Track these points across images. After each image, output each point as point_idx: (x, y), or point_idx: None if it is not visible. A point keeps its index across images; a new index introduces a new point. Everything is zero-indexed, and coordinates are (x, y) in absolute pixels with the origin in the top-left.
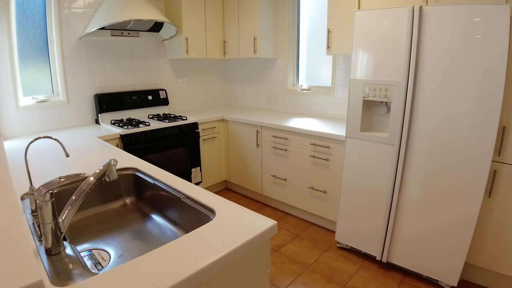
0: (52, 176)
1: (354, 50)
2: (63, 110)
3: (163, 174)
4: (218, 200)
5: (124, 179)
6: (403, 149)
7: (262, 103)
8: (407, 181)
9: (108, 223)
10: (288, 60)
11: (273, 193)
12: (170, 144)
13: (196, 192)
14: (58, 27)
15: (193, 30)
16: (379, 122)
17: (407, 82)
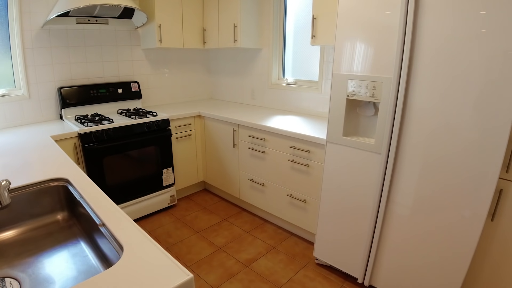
0: None
1: (338, 39)
2: (24, 105)
3: (90, 190)
4: (134, 233)
5: (54, 192)
6: (391, 159)
7: (245, 98)
8: (395, 194)
9: (31, 244)
10: (273, 51)
11: (250, 199)
12: (136, 143)
13: (115, 219)
14: (18, 15)
15: (168, 16)
16: (366, 126)
17: (398, 80)
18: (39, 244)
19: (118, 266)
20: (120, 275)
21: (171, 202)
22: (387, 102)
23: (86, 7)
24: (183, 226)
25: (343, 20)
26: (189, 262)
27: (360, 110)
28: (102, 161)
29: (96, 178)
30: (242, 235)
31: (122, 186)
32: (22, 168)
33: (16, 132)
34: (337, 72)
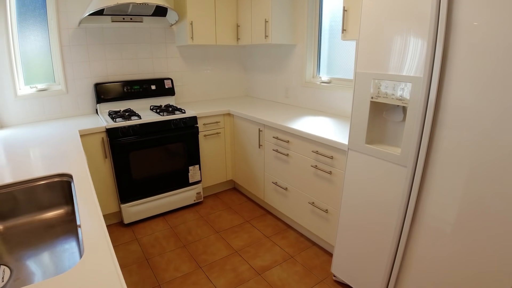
0: None
1: (362, 32)
2: (62, 99)
3: (85, 190)
4: (99, 241)
5: (59, 187)
6: (419, 171)
7: (279, 96)
8: (422, 212)
9: (33, 235)
10: (307, 48)
11: (274, 202)
12: (162, 140)
13: (91, 223)
14: (55, 15)
15: (200, 13)
16: (394, 133)
17: (429, 80)
18: (40, 236)
19: (67, 274)
20: (62, 284)
21: (197, 199)
22: (416, 107)
23: (119, 6)
24: (204, 224)
25: (368, 9)
26: (202, 262)
27: (387, 114)
28: (128, 155)
29: (122, 171)
30: (262, 240)
31: (148, 180)
32: (37, 161)
33: (51, 125)
34: (360, 70)
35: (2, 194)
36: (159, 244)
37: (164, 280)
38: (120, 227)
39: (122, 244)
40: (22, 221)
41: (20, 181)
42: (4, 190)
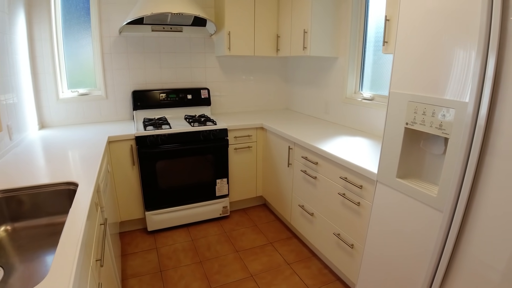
0: None
1: (398, 44)
2: (101, 104)
3: (82, 201)
4: (65, 263)
5: (66, 194)
6: (457, 220)
7: (318, 112)
8: (458, 268)
9: (35, 240)
10: (350, 61)
11: (300, 226)
12: (190, 151)
13: (68, 242)
14: (98, 23)
15: (238, 23)
16: (433, 167)
17: (478, 106)
18: (41, 242)
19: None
20: None
21: (224, 213)
22: (459, 139)
23: (158, 16)
24: (226, 241)
25: (405, 19)
26: (214, 283)
27: (425, 145)
28: (155, 164)
29: (148, 180)
30: (281, 266)
31: (174, 190)
32: (53, 166)
33: (86, 128)
34: (394, 89)
35: (13, 197)
36: (176, 256)
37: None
38: (143, 233)
39: (141, 252)
40: (30, 224)
41: (28, 186)
42: (16, 193)
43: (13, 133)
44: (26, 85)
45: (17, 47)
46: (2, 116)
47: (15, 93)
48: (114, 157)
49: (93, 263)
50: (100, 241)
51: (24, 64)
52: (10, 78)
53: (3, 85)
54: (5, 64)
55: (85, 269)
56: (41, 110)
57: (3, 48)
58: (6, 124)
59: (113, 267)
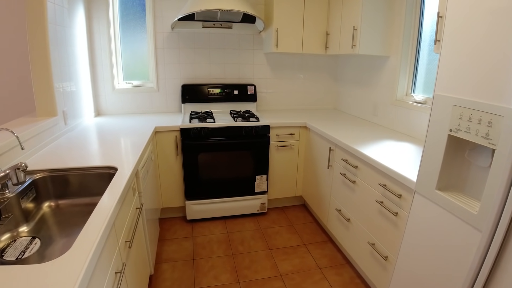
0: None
1: (445, 41)
2: (153, 96)
3: (118, 185)
4: (86, 241)
5: (106, 177)
6: (496, 244)
7: (366, 113)
8: None
9: (74, 218)
10: (402, 60)
11: (335, 231)
12: (231, 145)
13: (94, 222)
14: (152, 19)
15: (287, 20)
16: (477, 180)
17: None
18: (79, 219)
19: (35, 267)
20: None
21: (261, 209)
22: (507, 149)
23: (209, 13)
24: (260, 237)
25: (453, 15)
26: (242, 277)
27: (470, 155)
28: (197, 156)
29: (190, 170)
30: (312, 270)
31: (214, 182)
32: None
33: (137, 118)
34: (439, 92)
35: (60, 176)
36: (210, 247)
37: (199, 285)
38: (182, 221)
39: (178, 239)
40: (72, 202)
41: (72, 168)
42: (63, 173)
43: (68, 118)
44: (85, 75)
45: (76, 40)
46: (59, 102)
47: (73, 82)
48: (159, 147)
49: (122, 244)
50: (134, 224)
51: (83, 55)
52: (69, 68)
53: (61, 74)
54: (64, 55)
55: (111, 248)
56: (98, 99)
57: (63, 40)
58: (62, 109)
59: (147, 250)
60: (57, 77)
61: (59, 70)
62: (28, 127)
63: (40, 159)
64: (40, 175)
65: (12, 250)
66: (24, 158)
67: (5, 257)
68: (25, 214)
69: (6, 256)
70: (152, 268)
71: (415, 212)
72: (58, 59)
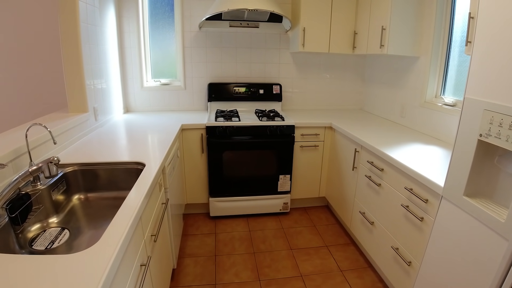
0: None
1: (477, 42)
2: (180, 94)
3: (145, 180)
4: (114, 234)
5: (133, 173)
6: None
7: (393, 115)
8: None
9: (103, 211)
10: (432, 61)
11: (358, 234)
12: (255, 144)
13: (122, 215)
14: (180, 19)
15: (314, 19)
16: (506, 187)
17: None
18: (107, 212)
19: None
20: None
21: (284, 209)
22: None
23: (235, 12)
24: (282, 237)
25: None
26: (263, 275)
27: (500, 161)
28: (222, 154)
29: (214, 168)
30: (334, 272)
31: (238, 180)
32: (130, 146)
33: (165, 115)
34: (470, 95)
35: (89, 170)
36: (232, 244)
37: (221, 281)
38: (205, 218)
39: (201, 235)
40: (101, 196)
41: (101, 162)
42: (93, 167)
43: (98, 114)
44: (115, 73)
45: (107, 39)
46: (89, 99)
47: (104, 79)
48: (185, 144)
49: (148, 237)
50: (159, 219)
51: (113, 54)
52: (99, 66)
53: (92, 71)
54: (95, 53)
55: (137, 241)
56: (127, 96)
57: (94, 38)
58: (92, 106)
59: (171, 244)
60: (88, 75)
61: (90, 67)
62: (60, 122)
63: (71, 153)
64: (71, 169)
65: (41, 240)
66: (55, 152)
67: (35, 247)
68: (55, 206)
69: (35, 246)
70: (175, 262)
71: (441, 218)
72: (90, 57)
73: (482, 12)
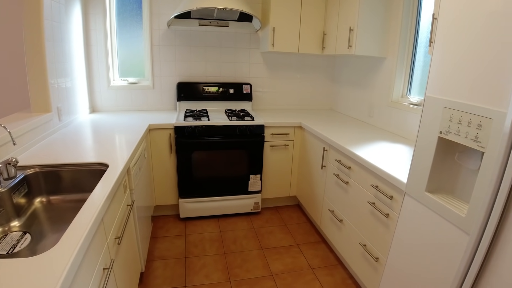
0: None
1: (437, 45)
2: (148, 93)
3: (108, 180)
4: (72, 236)
5: (97, 174)
6: (484, 247)
7: (362, 114)
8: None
9: (65, 214)
10: (398, 62)
11: (328, 232)
12: (225, 144)
13: (82, 218)
14: (149, 16)
15: (283, 19)
16: (467, 183)
17: None
18: (69, 215)
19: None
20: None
21: (255, 209)
22: (496, 153)
23: (205, 10)
24: (253, 237)
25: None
26: (233, 276)
27: (460, 158)
28: (191, 154)
29: (183, 168)
30: (304, 270)
31: (208, 181)
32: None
33: (132, 115)
34: (430, 94)
35: (52, 172)
36: (202, 245)
37: (191, 283)
38: (175, 219)
39: (171, 236)
40: (63, 198)
41: (63, 164)
42: (55, 169)
43: (62, 114)
44: (80, 71)
45: (73, 36)
46: (53, 98)
47: (69, 78)
48: (153, 144)
49: (111, 240)
50: (124, 221)
51: (78, 52)
52: (64, 64)
53: (56, 70)
54: (59, 51)
55: (99, 244)
56: (93, 96)
57: (59, 36)
58: (56, 106)
59: (138, 247)
60: (52, 73)
61: (54, 66)
62: (22, 122)
63: (33, 154)
64: (32, 171)
65: (3, 244)
66: (17, 153)
67: None
68: (17, 209)
69: None
70: (143, 265)
71: (405, 213)
72: (54, 55)
73: (442, 14)
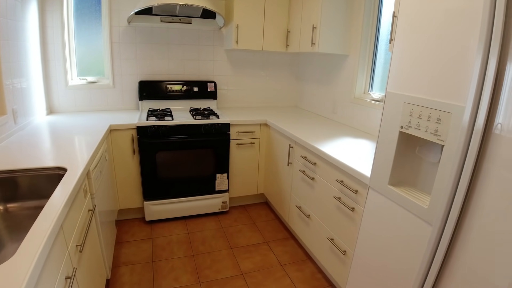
0: None
1: (397, 42)
2: (108, 93)
3: (66, 185)
4: (30, 247)
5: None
6: (447, 237)
7: (326, 111)
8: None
9: (24, 222)
10: (360, 59)
11: (296, 227)
12: (190, 144)
13: (42, 223)
14: (108, 12)
15: (247, 17)
16: (428, 176)
17: (476, 111)
18: (29, 223)
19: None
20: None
21: (222, 208)
22: (454, 146)
23: (167, 7)
24: (221, 236)
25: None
26: (203, 278)
27: (421, 151)
28: (155, 154)
29: (147, 170)
30: (274, 267)
31: (174, 182)
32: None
33: (92, 116)
34: (391, 89)
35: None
36: (170, 248)
37: None
38: (141, 223)
39: (136, 241)
40: (21, 206)
41: (19, 169)
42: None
43: (18, 116)
44: (36, 71)
45: (28, 34)
46: (8, 100)
47: (24, 78)
48: (115, 146)
49: (72, 248)
50: (85, 227)
51: (34, 50)
52: (19, 63)
53: (11, 70)
54: (15, 50)
55: (59, 253)
56: (50, 96)
57: (14, 34)
58: (11, 108)
59: (102, 254)
60: (7, 74)
61: (9, 65)
62: None
63: None
64: None
65: None
66: None
67: None
68: None
69: None
70: (109, 272)
71: (369, 207)
72: (8, 54)
73: (402, 11)
